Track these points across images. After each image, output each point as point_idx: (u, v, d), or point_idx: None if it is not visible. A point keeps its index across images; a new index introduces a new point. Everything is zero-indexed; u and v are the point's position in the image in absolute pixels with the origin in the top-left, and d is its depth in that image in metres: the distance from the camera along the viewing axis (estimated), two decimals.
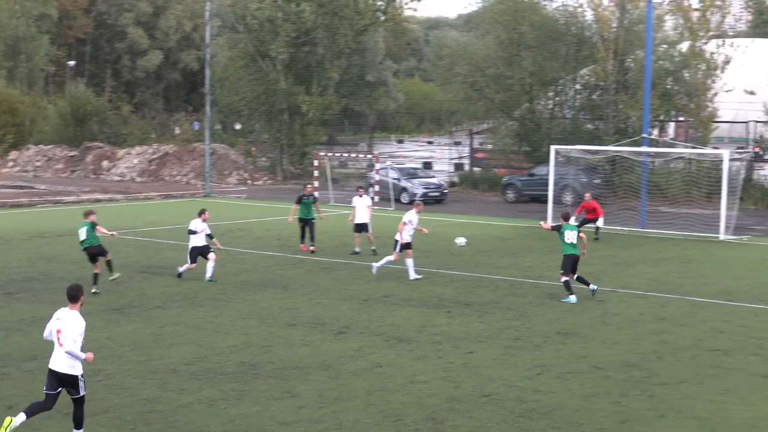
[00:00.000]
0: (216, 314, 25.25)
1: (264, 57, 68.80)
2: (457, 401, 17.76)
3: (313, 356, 20.93)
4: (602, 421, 16.75)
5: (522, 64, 61.21)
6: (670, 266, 33.84)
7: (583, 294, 27.94)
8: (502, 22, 62.36)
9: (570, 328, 23.90)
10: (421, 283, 29.95)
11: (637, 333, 23.32)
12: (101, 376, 19.28)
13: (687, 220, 43.96)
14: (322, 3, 68.41)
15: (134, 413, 17.03)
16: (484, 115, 69.62)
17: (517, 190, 57.09)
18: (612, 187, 51.77)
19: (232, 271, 32.06)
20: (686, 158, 52.40)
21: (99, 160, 76.85)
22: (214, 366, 20.08)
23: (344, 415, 16.96)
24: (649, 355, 21.15)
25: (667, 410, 17.26)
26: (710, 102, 56.77)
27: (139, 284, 29.53)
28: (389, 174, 58.23)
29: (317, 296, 27.81)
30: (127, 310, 25.72)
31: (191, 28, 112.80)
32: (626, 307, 26.40)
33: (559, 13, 64.54)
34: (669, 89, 58.12)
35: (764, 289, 29.42)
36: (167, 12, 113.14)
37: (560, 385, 18.83)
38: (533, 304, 26.85)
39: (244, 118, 79.75)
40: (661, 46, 58.02)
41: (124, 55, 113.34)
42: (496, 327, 23.86)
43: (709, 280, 30.86)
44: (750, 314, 25.73)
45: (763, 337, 22.95)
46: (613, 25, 59.41)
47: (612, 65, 58.73)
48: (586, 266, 33.40)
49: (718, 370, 19.98)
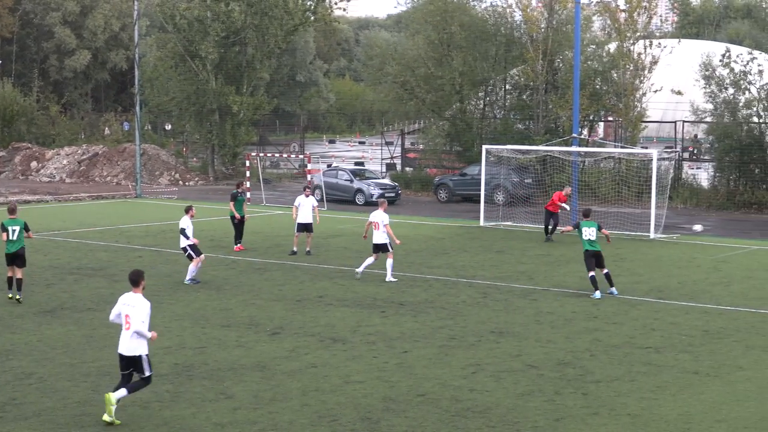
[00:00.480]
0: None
1: (194, 57, 68.39)
2: (393, 401, 17.76)
3: (247, 357, 20.83)
4: (537, 419, 16.82)
5: (452, 64, 61.34)
6: None
7: (518, 293, 28.13)
8: (432, 22, 62.46)
9: (504, 327, 23.99)
10: (355, 283, 29.91)
11: (570, 331, 23.46)
12: (33, 379, 19.04)
13: (618, 219, 44.28)
14: (252, 3, 68.15)
15: (67, 416, 16.82)
16: (415, 115, 69.86)
17: (449, 189, 57.21)
18: (543, 186, 52.00)
19: (164, 272, 31.81)
20: (616, 158, 52.91)
21: (27, 160, 76.02)
22: None
23: (279, 415, 16.89)
24: (583, 353, 21.28)
25: (600, 407, 17.37)
26: (639, 102, 57.29)
27: (70, 286, 29.19)
28: (339, 175, 57.89)
29: (251, 297, 27.68)
30: (59, 312, 25.42)
31: (119, 27, 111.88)
32: (559, 306, 26.54)
33: (488, 14, 64.75)
34: (598, 89, 58.56)
35: (694, 287, 29.74)
36: (95, 11, 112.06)
37: (495, 384, 18.89)
38: (467, 304, 26.92)
39: (175, 119, 79.36)
40: (589, 47, 58.47)
41: (52, 54, 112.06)
42: (431, 326, 23.89)
43: (640, 279, 31.11)
44: (680, 312, 25.98)
45: (693, 335, 23.19)
46: (541, 26, 59.79)
47: (541, 65, 59.08)
48: (518, 265, 33.67)
49: (650, 367, 20.15)
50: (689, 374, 19.64)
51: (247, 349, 21.55)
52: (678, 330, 23.69)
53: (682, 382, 19.04)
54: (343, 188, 56.36)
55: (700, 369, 19.99)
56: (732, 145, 52.57)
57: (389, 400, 17.82)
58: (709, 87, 53.46)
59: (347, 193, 55.98)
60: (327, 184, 56.35)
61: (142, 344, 16.67)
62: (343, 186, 56.53)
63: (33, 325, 23.80)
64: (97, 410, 17.08)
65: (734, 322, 24.64)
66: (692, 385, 18.90)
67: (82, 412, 17.03)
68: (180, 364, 20.21)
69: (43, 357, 20.80)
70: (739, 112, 52.85)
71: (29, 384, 18.71)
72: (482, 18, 64.21)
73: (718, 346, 22.15)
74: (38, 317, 24.83)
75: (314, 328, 23.73)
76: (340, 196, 55.71)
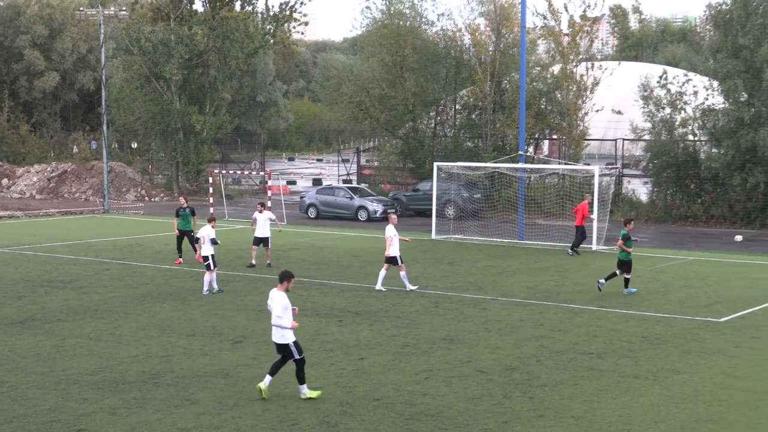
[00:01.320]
0: (116, 326, 24.92)
1: (158, 78, 68.26)
2: (350, 405, 17.78)
3: (211, 365, 20.78)
4: (486, 421, 16.90)
5: (405, 86, 61.55)
6: (547, 275, 34.25)
7: (468, 302, 28.26)
8: (386, 45, 62.59)
9: (455, 334, 24.06)
10: (313, 293, 29.88)
11: (517, 338, 23.55)
12: (4, 387, 18.90)
13: (562, 232, 44.47)
14: (214, 27, 68.14)
15: (38, 423, 16.71)
16: (370, 133, 70.07)
17: (403, 204, 57.09)
18: (491, 201, 52.25)
19: (131, 284, 31.66)
20: (560, 174, 53.19)
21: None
22: (116, 376, 19.82)
23: (242, 420, 16.87)
24: (529, 359, 21.37)
25: (546, 410, 17.47)
26: (581, 121, 57.65)
27: (40, 298, 28.99)
28: (337, 193, 56.65)
29: (214, 307, 27.60)
30: (29, 323, 25.24)
31: (87, 50, 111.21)
32: (507, 314, 26.64)
33: (439, 38, 65.00)
34: (543, 109, 58.77)
35: (633, 296, 29.91)
36: (63, 34, 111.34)
37: (446, 389, 18.95)
38: (420, 313, 26.97)
39: (141, 137, 79.08)
40: (534, 69, 58.70)
41: (21, 75, 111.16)
42: (385, 334, 23.93)
43: (583, 288, 31.27)
44: (621, 319, 26.15)
45: (633, 341, 23.35)
46: (489, 49, 60.10)
47: (489, 86, 59.38)
48: (468, 276, 33.77)
49: (592, 372, 20.28)
50: (629, 378, 19.79)
51: (211, 357, 21.51)
52: (619, 336, 23.85)
53: (622, 386, 19.18)
54: (342, 206, 55.09)
55: (640, 373, 20.14)
56: (669, 162, 52.95)
57: (346, 404, 17.85)
58: (647, 107, 53.84)
59: (348, 211, 54.69)
60: (324, 201, 55.62)
61: (287, 333, 17.85)
62: (343, 203, 55.19)
63: (4, 336, 23.62)
64: (66, 416, 17.02)
65: (671, 329, 24.84)
66: (632, 388, 19.05)
67: (53, 419, 16.92)
68: (146, 372, 20.12)
69: (14, 366, 20.66)
70: (675, 130, 53.24)
71: (1, 392, 18.56)
72: (433, 41, 64.44)
73: (657, 351, 22.33)
74: (9, 328, 24.65)
75: None
76: (339, 214, 54.78)
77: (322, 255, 39.03)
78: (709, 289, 31.03)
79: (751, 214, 50.37)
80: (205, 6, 71.05)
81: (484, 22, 62.77)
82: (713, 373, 20.38)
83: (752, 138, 48.81)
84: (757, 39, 49.86)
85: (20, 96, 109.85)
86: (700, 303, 28.55)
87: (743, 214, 50.67)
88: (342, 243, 43.25)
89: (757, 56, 49.41)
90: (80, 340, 23.30)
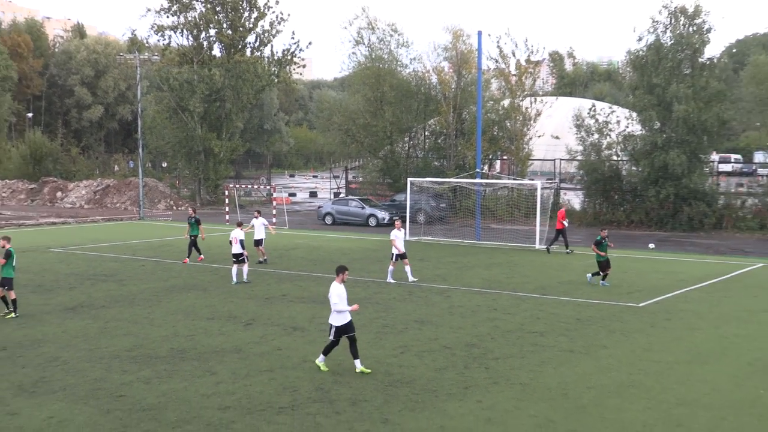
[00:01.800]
0: (150, 311, 24.81)
1: (184, 110, 68.10)
2: (340, 375, 17.73)
3: (227, 342, 20.69)
4: (450, 387, 16.88)
5: (384, 116, 61.54)
6: (499, 269, 34.25)
7: (435, 291, 28.19)
8: (368, 83, 62.59)
9: (425, 317, 24.03)
10: (310, 284, 29.82)
11: (475, 320, 23.54)
12: (58, 362, 18.79)
13: (511, 234, 44.57)
14: (229, 68, 68.12)
15: (86, 390, 16.62)
16: (356, 154, 69.97)
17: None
18: (454, 209, 52.32)
19: (162, 277, 31.54)
20: (509, 187, 53.26)
21: (54, 191, 75.09)
22: (149, 352, 19.72)
23: (252, 387, 16.80)
24: (485, 337, 21.36)
25: (499, 378, 17.47)
26: (526, 144, 57.82)
27: (87, 289, 28.84)
28: (350, 203, 55.53)
29: (230, 296, 27.50)
30: (79, 309, 25.10)
31: (126, 87, 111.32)
32: (467, 301, 26.65)
33: (411, 77, 65.03)
34: (495, 135, 58.89)
35: (569, 285, 29.99)
36: (106, 75, 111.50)
37: (418, 361, 18.92)
38: (396, 300, 26.93)
39: (169, 158, 78.94)
40: (488, 103, 58.80)
41: (72, 108, 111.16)
42: (369, 317, 23.88)
43: (529, 279, 31.32)
44: (559, 305, 26.18)
45: (569, 322, 23.37)
46: (452, 87, 60.15)
47: (452, 117, 59.43)
48: (435, 270, 33.75)
49: (536, 347, 20.28)
50: (566, 352, 19.80)
51: (227, 336, 21.42)
52: (557, 318, 23.87)
53: (560, 358, 19.19)
54: (355, 214, 54.51)
55: (575, 348, 20.17)
56: (597, 178, 53.08)
57: (337, 374, 17.80)
58: (579, 133, 53.97)
59: (360, 218, 54.13)
60: (339, 210, 55.03)
61: (344, 316, 17.83)
62: (356, 212, 54.62)
63: (58, 320, 23.51)
64: (108, 385, 16.93)
65: (600, 312, 24.89)
66: (569, 360, 19.06)
67: (98, 387, 16.83)
68: (174, 348, 20.04)
69: (66, 344, 20.55)
70: (602, 152, 53.37)
71: (56, 366, 18.47)
72: (407, 80, 64.48)
73: (588, 330, 22.36)
74: (62, 313, 24.52)
75: (279, 319, 23.64)
76: (352, 220, 54.25)
77: (317, 253, 38.95)
78: (630, 280, 31.09)
79: (663, 219, 50.59)
80: (221, 52, 71.05)
81: (448, 65, 62.82)
82: (633, 347, 20.41)
83: (664, 158, 49.03)
84: (667, 79, 50.08)
85: (71, 125, 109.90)
86: (623, 291, 28.62)
87: (657, 220, 50.89)
88: (333, 243, 43.17)
89: (667, 93, 49.61)
90: (120, 323, 23.18)
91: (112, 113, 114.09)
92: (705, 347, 20.59)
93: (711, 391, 16.81)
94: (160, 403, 15.76)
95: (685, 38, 50.45)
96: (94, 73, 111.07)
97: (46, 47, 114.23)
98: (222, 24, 69.74)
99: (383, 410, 15.41)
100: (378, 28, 64.27)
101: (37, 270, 32.98)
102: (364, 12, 64.83)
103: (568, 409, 15.49)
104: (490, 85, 62.94)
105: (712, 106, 49.52)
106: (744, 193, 53.93)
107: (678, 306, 26.05)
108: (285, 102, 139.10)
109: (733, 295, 28.24)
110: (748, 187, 55.14)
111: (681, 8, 50.79)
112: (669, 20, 50.97)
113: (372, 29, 64.22)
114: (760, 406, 15.88)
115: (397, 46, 64.73)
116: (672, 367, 18.58)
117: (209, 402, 15.89)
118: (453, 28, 60.13)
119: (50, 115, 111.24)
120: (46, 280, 30.37)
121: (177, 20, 69.80)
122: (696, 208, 49.54)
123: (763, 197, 51.07)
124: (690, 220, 49.50)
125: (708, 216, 49.70)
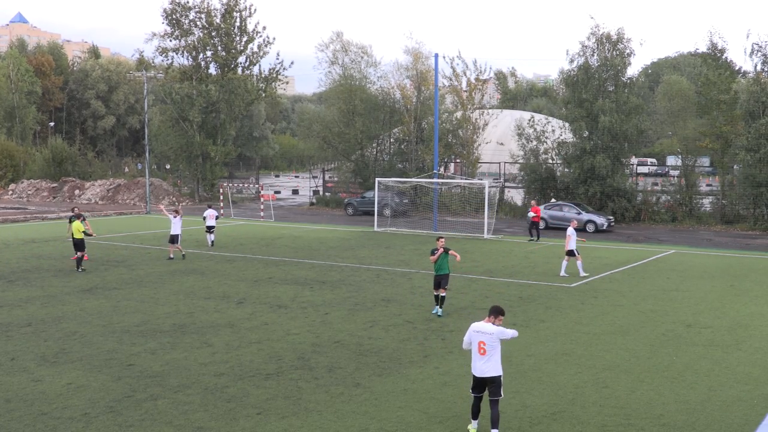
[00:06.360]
0: (155, 292, 24.56)
1: (184, 120, 67.40)
2: (318, 346, 17.64)
3: (222, 319, 20.53)
4: (412, 356, 16.85)
5: (355, 125, 61.26)
6: None
7: (399, 274, 28.11)
8: (342, 97, 62.30)
9: (390, 296, 24.00)
10: (293, 268, 29.65)
11: (433, 299, 23.49)
12: (76, 336, 18.54)
13: (463, 226, 44.66)
14: (223, 84, 67.51)
15: (100, 360, 16.41)
16: (332, 158, 69.56)
17: (354, 207, 57.03)
18: (415, 205, 52.27)
19: (165, 263, 31.23)
20: (462, 186, 53.35)
21: (72, 189, 74.12)
22: (155, 327, 19.52)
23: (243, 357, 16.67)
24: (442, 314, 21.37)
25: (453, 348, 17.44)
26: (476, 150, 57.82)
27: (101, 273, 28.50)
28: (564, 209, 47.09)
29: (224, 279, 27.31)
30: (94, 290, 24.80)
31: (134, 100, 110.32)
32: (426, 282, 26.55)
33: (378, 92, 64.79)
34: (450, 142, 58.85)
35: (513, 269, 30.08)
36: (118, 90, 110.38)
37: (385, 334, 18.88)
38: (366, 281, 26.87)
39: (172, 161, 78.07)
40: (444, 114, 58.83)
41: (89, 118, 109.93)
42: (342, 296, 23.82)
43: (478, 264, 31.37)
44: (504, 285, 26.26)
45: (513, 300, 23.41)
46: (413, 101, 60.04)
47: (413, 126, 59.32)
48: (399, 256, 33.70)
49: None
50: (510, 325, 19.67)
51: (222, 313, 21.25)
52: (503, 297, 23.92)
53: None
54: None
55: (517, 322, 20.18)
56: (535, 178, 53.27)
57: (316, 345, 17.71)
58: (520, 140, 54.17)
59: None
60: (552, 216, 47.19)
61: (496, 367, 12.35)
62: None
63: (76, 299, 23.21)
64: (120, 355, 16.73)
65: (538, 291, 24.99)
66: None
67: (111, 357, 16.63)
68: (176, 324, 19.84)
69: (83, 321, 20.29)
70: (540, 156, 53.59)
71: (74, 339, 18.23)
72: (375, 95, 64.18)
73: (528, 307, 22.43)
74: (80, 294, 24.22)
75: (266, 299, 23.50)
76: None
77: (299, 242, 38.77)
78: None
79: None
80: (217, 70, 70.26)
81: (409, 83, 62.64)
82: (566, 321, 20.50)
83: (591, 161, 49.30)
84: (594, 95, 50.35)
85: (88, 132, 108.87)
86: (557, 274, 28.73)
87: None
88: (312, 234, 42.98)
89: (594, 106, 49.87)
90: (130, 302, 22.92)
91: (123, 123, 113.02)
92: (626, 321, 20.72)
93: (631, 357, 16.91)
94: (164, 371, 15.60)
95: (609, 61, 50.70)
96: (108, 88, 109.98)
97: (66, 66, 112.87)
98: (217, 47, 69.08)
99: (355, 376, 15.35)
100: (350, 51, 63.96)
101: (57, 257, 32.54)
102: (338, 37, 64.52)
103: (512, 373, 15.50)
104: (445, 100, 62.90)
105: (631, 117, 49.91)
106: (658, 191, 54.43)
107: (604, 286, 26.21)
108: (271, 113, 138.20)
109: (650, 276, 28.45)
110: (662, 186, 55.68)
111: (606, 35, 51.04)
112: (596, 45, 51.19)
113: (345, 51, 63.89)
114: (673, 370, 16.00)
115: (366, 66, 64.43)
116: (599, 338, 18.67)
117: (206, 369, 15.74)
118: (413, 50, 60.02)
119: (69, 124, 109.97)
120: (66, 266, 29.97)
121: (178, 43, 69.01)
122: (618, 203, 49.90)
123: (674, 194, 51.61)
124: (613, 213, 49.82)
125: (628, 210, 50.11)
